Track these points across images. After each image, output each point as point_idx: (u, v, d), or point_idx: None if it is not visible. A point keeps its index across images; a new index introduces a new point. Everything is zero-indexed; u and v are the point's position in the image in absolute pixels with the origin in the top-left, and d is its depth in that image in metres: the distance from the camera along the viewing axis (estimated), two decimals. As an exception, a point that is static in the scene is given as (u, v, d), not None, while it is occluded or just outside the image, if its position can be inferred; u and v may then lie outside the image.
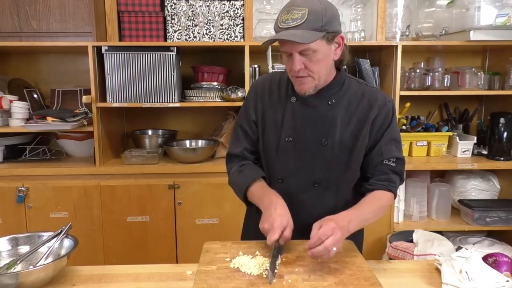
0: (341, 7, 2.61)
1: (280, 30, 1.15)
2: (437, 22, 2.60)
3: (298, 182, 1.32)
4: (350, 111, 1.29)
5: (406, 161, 2.50)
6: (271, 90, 1.36)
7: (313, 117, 1.29)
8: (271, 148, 1.34)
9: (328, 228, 1.08)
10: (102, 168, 2.35)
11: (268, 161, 1.37)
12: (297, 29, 1.12)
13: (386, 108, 1.30)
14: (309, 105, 1.29)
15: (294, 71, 1.19)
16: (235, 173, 1.37)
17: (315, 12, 1.13)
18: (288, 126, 1.30)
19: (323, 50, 1.18)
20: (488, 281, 1.08)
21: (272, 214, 1.19)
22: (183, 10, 2.43)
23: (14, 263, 1.16)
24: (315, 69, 1.19)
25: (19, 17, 2.36)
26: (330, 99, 1.28)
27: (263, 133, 1.35)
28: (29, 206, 2.29)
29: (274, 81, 1.38)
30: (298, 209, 1.31)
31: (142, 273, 1.19)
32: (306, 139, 1.29)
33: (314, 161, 1.30)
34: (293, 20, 1.13)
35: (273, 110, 1.33)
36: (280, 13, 1.17)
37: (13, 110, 2.36)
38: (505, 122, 2.51)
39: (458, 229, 2.47)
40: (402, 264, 1.26)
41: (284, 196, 1.29)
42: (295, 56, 1.17)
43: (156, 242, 2.36)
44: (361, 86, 1.33)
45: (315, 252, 1.06)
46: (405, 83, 2.51)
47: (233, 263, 1.12)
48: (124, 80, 2.33)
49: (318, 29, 1.13)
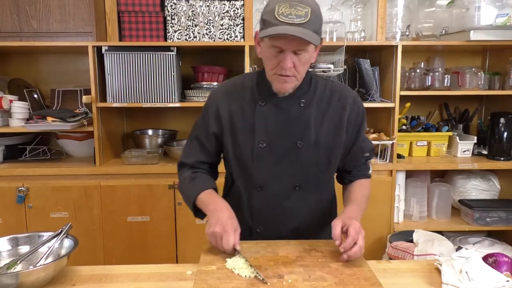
0: (341, 7, 2.61)
1: (281, 23, 1.09)
2: (437, 22, 2.60)
3: (278, 188, 1.29)
4: (322, 110, 1.28)
5: (406, 161, 2.54)
6: (236, 97, 1.30)
7: (285, 120, 1.26)
8: (246, 156, 1.29)
9: (357, 227, 1.11)
10: (102, 168, 2.35)
11: (244, 170, 1.31)
12: (303, 28, 1.08)
13: (357, 105, 1.32)
14: (280, 108, 1.26)
15: (282, 69, 1.15)
16: (186, 180, 1.34)
17: (315, 13, 1.11)
18: (261, 132, 1.26)
19: (311, 52, 1.17)
20: (488, 281, 1.08)
21: (220, 217, 1.18)
22: (183, 10, 2.43)
23: (14, 263, 1.16)
24: (301, 70, 1.18)
25: (19, 17, 2.36)
26: (300, 99, 1.26)
27: (234, 141, 1.30)
28: (29, 206, 2.29)
29: (237, 87, 1.32)
30: (281, 215, 1.31)
31: (142, 273, 1.19)
32: (281, 143, 1.26)
33: (292, 165, 1.27)
34: (298, 16, 1.08)
35: (242, 117, 1.28)
36: (278, 4, 1.10)
37: (13, 110, 2.36)
38: (505, 122, 2.51)
39: (458, 229, 2.47)
40: (402, 264, 1.26)
41: (265, 203, 1.29)
42: (287, 53, 1.13)
43: (156, 242, 2.36)
44: (328, 83, 1.32)
45: (352, 254, 1.09)
46: (405, 83, 2.51)
47: (228, 265, 1.11)
48: (124, 80, 2.33)
49: (317, 31, 1.12)
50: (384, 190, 2.42)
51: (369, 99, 2.47)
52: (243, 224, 1.27)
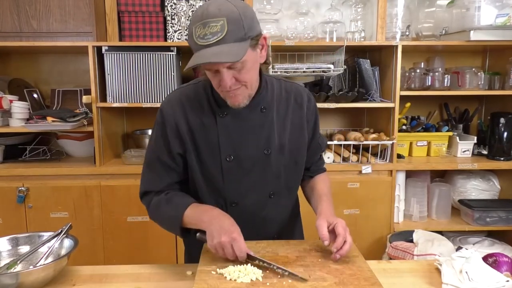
0: (341, 7, 2.61)
1: (200, 47, 1.01)
2: (437, 22, 2.60)
3: (253, 200, 1.24)
4: (282, 113, 1.25)
5: (406, 161, 2.54)
6: (192, 108, 1.19)
7: (249, 130, 1.20)
8: (213, 172, 1.20)
9: (344, 225, 1.12)
10: (102, 168, 2.35)
11: (213, 187, 1.23)
12: (221, 45, 0.99)
13: (311, 103, 1.32)
14: (241, 117, 1.19)
15: (225, 87, 1.07)
16: (161, 204, 1.21)
17: (234, 20, 1.00)
18: (226, 145, 1.19)
19: (251, 58, 1.06)
20: (488, 281, 1.08)
21: (222, 225, 1.08)
22: (183, 10, 2.43)
23: (14, 263, 1.16)
24: (247, 79, 1.09)
25: (19, 17, 2.36)
26: (261, 106, 1.21)
27: (198, 158, 1.20)
28: (29, 206, 2.29)
29: (190, 97, 1.21)
30: (259, 225, 1.28)
31: (142, 273, 1.19)
32: (249, 154, 1.20)
33: (263, 174, 1.23)
34: (212, 34, 0.99)
35: (203, 131, 1.19)
36: (194, 27, 1.01)
37: (13, 110, 2.36)
38: (505, 122, 2.51)
39: (458, 229, 2.47)
40: (402, 264, 1.26)
41: (242, 218, 1.18)
42: (223, 72, 1.04)
43: (156, 242, 2.36)
44: (281, 83, 1.30)
45: (343, 253, 1.10)
46: (405, 83, 2.51)
47: (224, 272, 1.07)
48: (124, 80, 2.33)
49: (243, 38, 1.01)
50: (384, 190, 2.42)
51: (369, 99, 2.47)
52: None
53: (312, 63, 2.47)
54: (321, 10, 2.68)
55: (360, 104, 2.43)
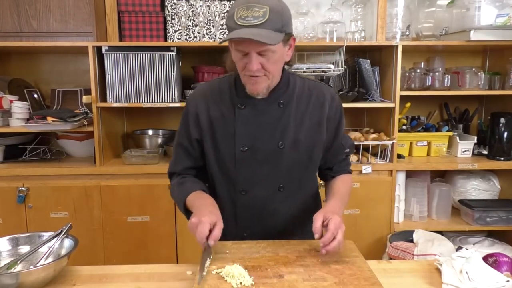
0: (341, 7, 2.61)
1: (239, 27, 1.08)
2: (437, 22, 2.60)
3: (262, 191, 1.29)
4: (301, 110, 1.28)
5: (406, 161, 2.54)
6: (214, 101, 1.29)
7: (265, 122, 1.25)
8: (227, 160, 1.28)
9: (337, 222, 1.11)
10: (102, 168, 2.35)
11: (226, 175, 1.30)
12: (260, 28, 1.07)
13: (335, 103, 1.33)
14: (259, 110, 1.25)
15: (250, 71, 1.14)
16: (175, 186, 1.34)
17: (275, 12, 1.09)
18: (242, 135, 1.25)
19: (280, 51, 1.15)
20: (488, 281, 1.08)
21: (200, 208, 1.16)
22: (183, 10, 2.43)
23: (14, 263, 1.16)
24: (271, 69, 1.16)
25: (19, 17, 2.36)
26: (279, 101, 1.26)
27: (215, 147, 1.29)
28: (29, 206, 2.29)
29: (214, 90, 1.31)
30: (267, 218, 1.31)
31: (142, 273, 1.19)
32: (263, 146, 1.26)
33: (275, 167, 1.27)
34: (255, 17, 1.07)
35: (222, 121, 1.27)
36: (237, 8, 1.09)
37: (13, 110, 2.36)
38: (505, 122, 2.51)
39: (458, 229, 2.47)
40: (402, 264, 1.26)
41: (250, 207, 1.29)
42: (253, 55, 1.11)
43: (156, 242, 2.36)
44: (305, 82, 1.32)
45: (330, 249, 1.10)
46: (405, 83, 2.51)
47: (222, 272, 1.07)
48: (124, 80, 2.33)
49: (279, 29, 1.10)
50: (384, 190, 2.42)
51: (369, 99, 2.47)
52: (228, 229, 1.23)
53: (312, 63, 2.47)
54: (321, 10, 2.68)
55: (360, 104, 2.43)
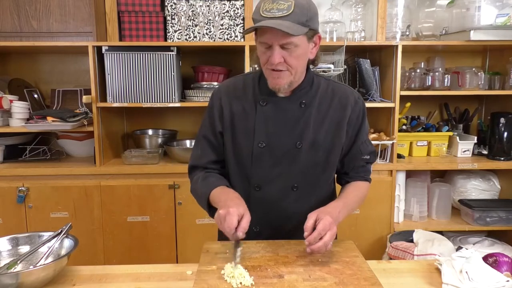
0: (341, 7, 2.61)
1: (264, 18, 1.11)
2: (437, 22, 2.60)
3: (276, 188, 1.29)
4: (323, 111, 1.28)
5: (406, 161, 2.53)
6: (238, 96, 1.31)
7: (285, 121, 1.26)
8: (245, 155, 1.29)
9: (326, 223, 1.10)
10: (102, 168, 2.35)
11: (242, 170, 1.31)
12: (284, 20, 1.09)
13: (358, 107, 1.31)
14: (281, 108, 1.26)
15: (272, 64, 1.15)
16: (198, 180, 1.32)
17: (301, 6, 1.11)
18: (261, 132, 1.26)
19: (304, 46, 1.15)
20: (488, 281, 1.08)
21: (228, 203, 1.15)
22: (183, 10, 2.43)
23: (14, 263, 1.16)
24: (294, 64, 1.16)
25: (19, 17, 2.36)
26: (301, 100, 1.26)
27: (234, 141, 1.30)
28: (29, 206, 2.29)
29: (238, 86, 1.33)
30: (279, 215, 1.30)
31: (142, 273, 1.19)
32: (280, 144, 1.26)
33: (291, 166, 1.27)
34: (279, 10, 1.09)
35: (243, 117, 1.28)
36: (263, 2, 1.13)
37: (13, 110, 2.36)
38: (505, 122, 2.51)
39: (458, 229, 2.47)
40: (402, 264, 1.26)
41: (263, 204, 1.29)
42: (276, 48, 1.13)
43: (156, 242, 2.36)
44: (330, 83, 1.32)
45: (315, 249, 1.08)
46: (405, 83, 2.51)
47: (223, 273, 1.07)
48: (124, 80, 2.33)
49: (303, 23, 1.11)
50: (384, 190, 2.42)
51: (369, 99, 2.47)
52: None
53: (312, 63, 2.47)
54: (321, 10, 2.67)
55: (360, 104, 2.42)
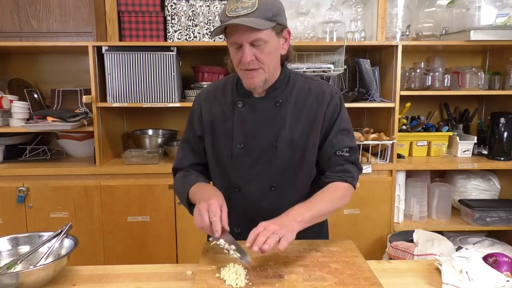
0: (341, 7, 2.61)
1: (230, 18, 1.12)
2: (437, 22, 2.60)
3: (255, 188, 1.29)
4: (298, 109, 1.27)
5: (406, 161, 2.53)
6: (217, 99, 1.33)
7: (261, 121, 1.27)
8: (225, 158, 1.31)
9: (259, 229, 1.06)
10: (102, 168, 2.35)
11: (223, 172, 1.33)
12: (249, 17, 1.11)
13: (334, 101, 1.29)
14: (256, 109, 1.27)
15: (244, 63, 1.16)
16: (179, 180, 1.35)
17: (264, 2, 1.13)
18: (238, 133, 1.28)
19: (273, 41, 1.17)
20: (489, 281, 1.08)
21: (205, 196, 1.16)
22: (183, 10, 2.43)
23: (14, 263, 1.16)
24: (266, 61, 1.17)
25: (19, 17, 2.36)
26: (277, 99, 1.26)
27: (214, 144, 1.33)
28: (29, 206, 2.29)
29: (218, 90, 1.35)
30: (259, 216, 1.24)
31: (142, 273, 1.19)
32: (258, 144, 1.27)
33: (268, 165, 1.28)
34: (244, 8, 1.11)
35: (222, 119, 1.31)
36: (228, 3, 1.15)
37: (13, 110, 2.36)
38: (505, 122, 2.51)
39: (458, 229, 2.47)
40: (402, 264, 1.26)
41: (243, 204, 1.30)
42: (246, 46, 1.14)
43: (156, 242, 2.36)
44: (307, 81, 1.31)
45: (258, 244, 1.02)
46: (405, 83, 2.51)
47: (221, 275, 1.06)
48: (124, 80, 2.33)
49: (269, 18, 1.13)
50: (384, 190, 2.42)
51: (369, 99, 2.47)
52: None
53: (312, 63, 2.47)
54: (321, 10, 2.68)
55: (360, 104, 2.42)
